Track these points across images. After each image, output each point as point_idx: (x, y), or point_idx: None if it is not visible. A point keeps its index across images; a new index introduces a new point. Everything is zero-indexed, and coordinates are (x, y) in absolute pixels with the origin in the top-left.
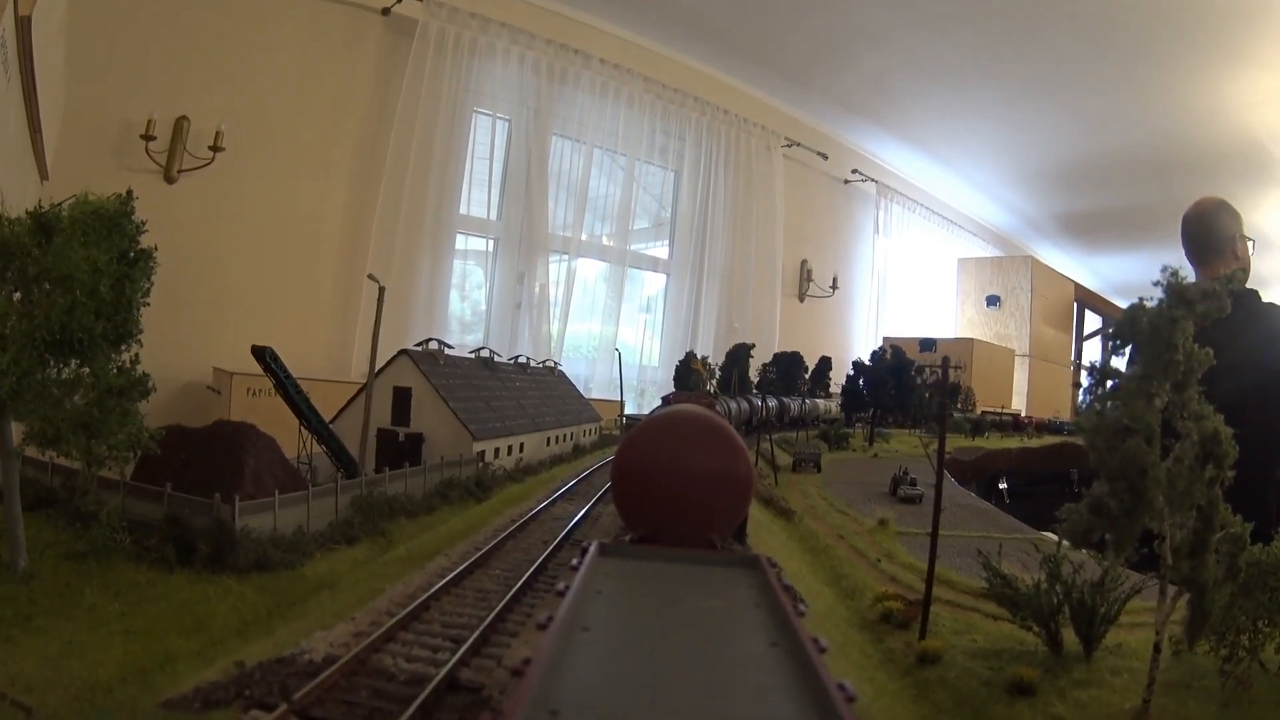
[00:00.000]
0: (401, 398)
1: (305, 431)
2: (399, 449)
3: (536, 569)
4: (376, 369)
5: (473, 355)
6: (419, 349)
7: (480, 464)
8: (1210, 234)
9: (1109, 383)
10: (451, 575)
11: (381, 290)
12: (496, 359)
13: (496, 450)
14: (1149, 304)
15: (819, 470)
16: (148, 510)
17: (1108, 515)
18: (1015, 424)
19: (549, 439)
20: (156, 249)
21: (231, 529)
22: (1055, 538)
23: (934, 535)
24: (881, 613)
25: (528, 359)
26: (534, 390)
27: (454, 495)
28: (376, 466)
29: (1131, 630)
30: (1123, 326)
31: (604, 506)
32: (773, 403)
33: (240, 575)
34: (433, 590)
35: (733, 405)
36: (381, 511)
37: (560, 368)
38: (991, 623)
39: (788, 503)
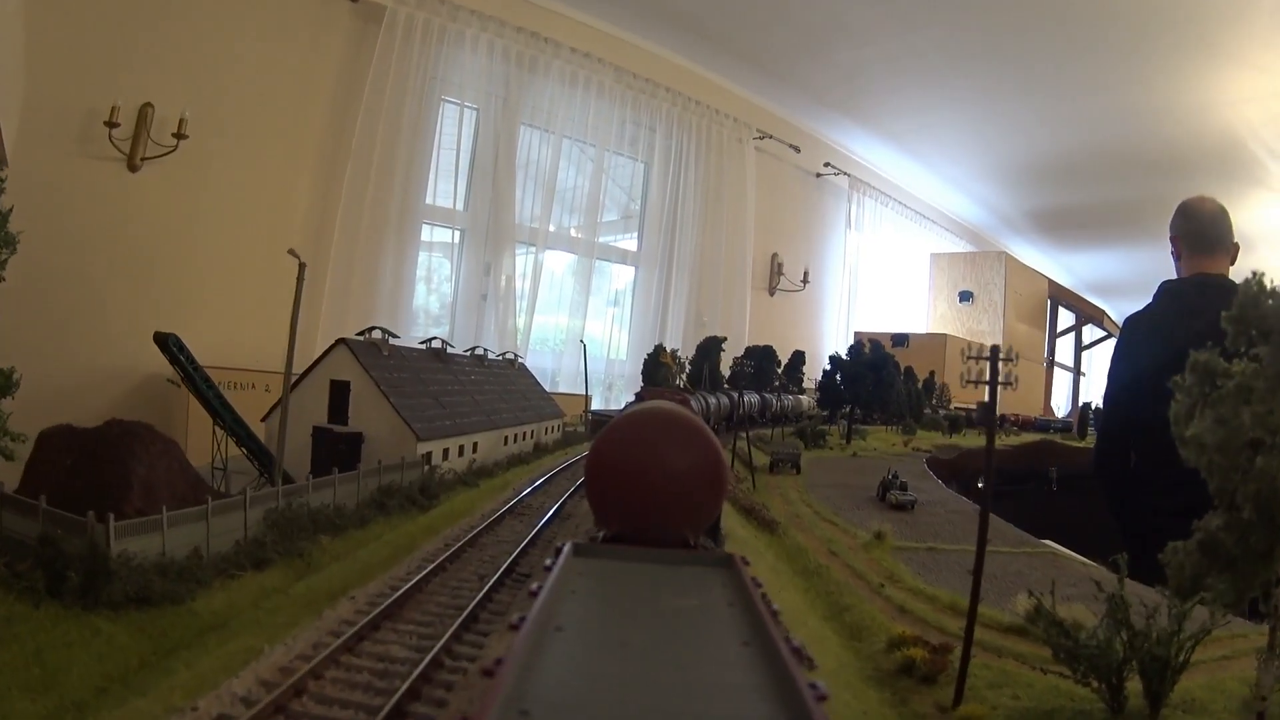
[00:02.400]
0: (339, 393)
1: (220, 431)
2: (335, 450)
3: (464, 622)
4: (312, 360)
5: (423, 346)
6: (360, 338)
7: (426, 467)
8: (1219, 231)
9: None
10: (350, 633)
11: (302, 267)
12: (449, 350)
13: (445, 451)
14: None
15: (798, 471)
16: (27, 527)
17: (1224, 556)
18: (1002, 421)
19: (507, 438)
20: (12, 209)
21: (105, 555)
22: (1059, 548)
23: (976, 578)
24: (901, 662)
25: (485, 351)
26: (491, 384)
27: (393, 504)
28: (312, 469)
29: (1188, 674)
30: (1246, 309)
31: (561, 526)
32: (754, 398)
33: (116, 612)
34: (317, 661)
35: (711, 400)
36: (302, 527)
37: (522, 360)
38: (1032, 671)
39: (769, 511)
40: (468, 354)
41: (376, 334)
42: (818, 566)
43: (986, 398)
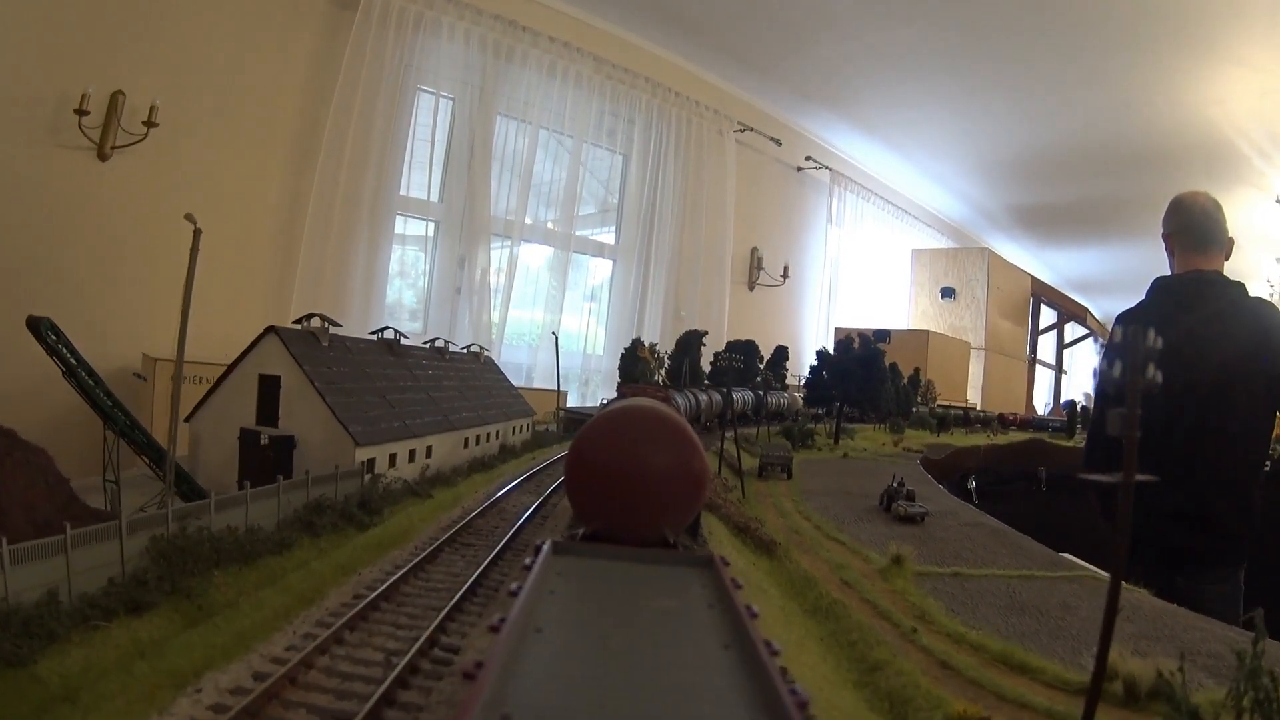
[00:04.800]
0: (268, 390)
1: (111, 436)
2: (263, 457)
3: None
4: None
5: (373, 337)
6: (296, 326)
7: (366, 476)
8: (1213, 226)
9: None
10: None
11: (196, 234)
12: (403, 341)
13: (392, 457)
14: None
15: (789, 476)
16: None
17: None
18: (1000, 420)
19: (468, 439)
20: None
21: None
22: (1098, 571)
23: (1097, 678)
24: None
25: (446, 343)
26: (451, 380)
27: (324, 523)
28: (240, 479)
29: None
30: None
31: (515, 560)
32: (748, 395)
33: None
34: None
35: (703, 397)
36: (201, 557)
37: (488, 353)
38: None
39: (763, 527)
40: (426, 346)
41: (314, 321)
42: (831, 604)
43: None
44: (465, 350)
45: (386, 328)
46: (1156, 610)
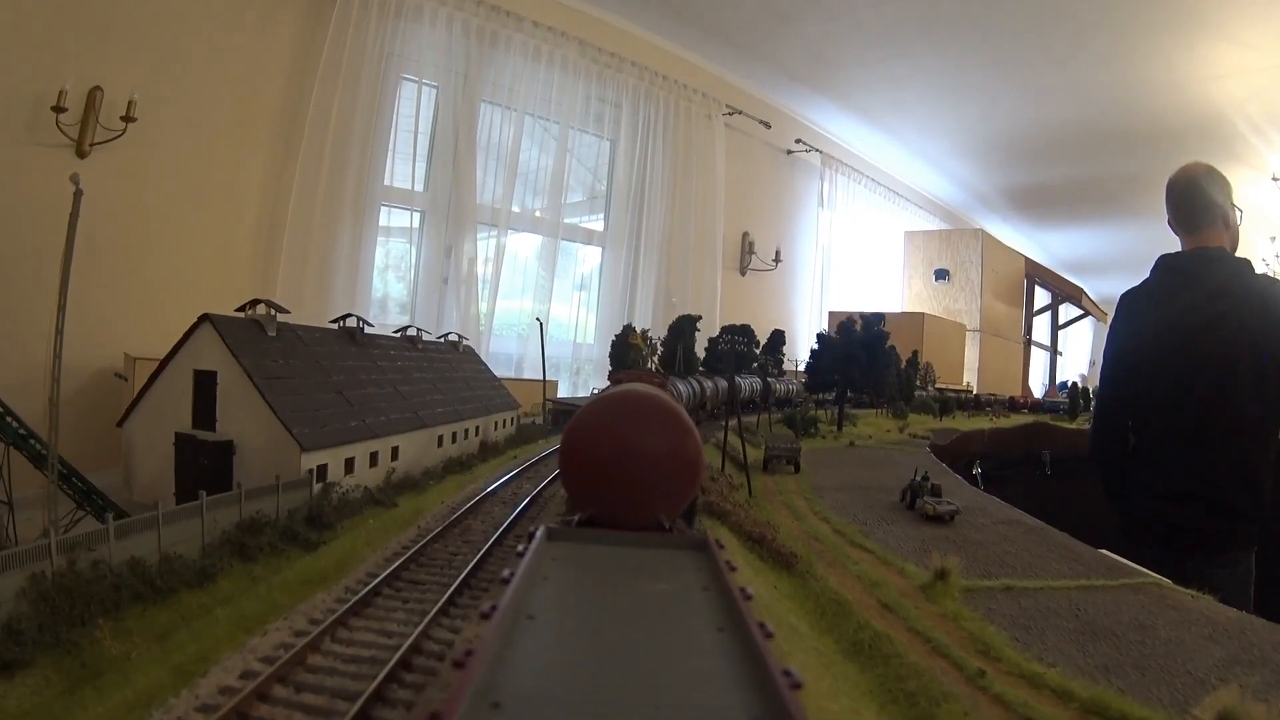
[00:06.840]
0: (204, 387)
1: (1, 447)
2: (200, 466)
3: None
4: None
5: (335, 325)
6: (238, 315)
7: (316, 486)
8: (1202, 199)
9: None
10: None
11: (77, 196)
12: (367, 329)
13: (349, 462)
14: None
15: (797, 469)
16: None
17: None
18: (1011, 403)
19: (441, 438)
20: None
21: None
22: (1160, 578)
23: None
24: None
25: (419, 331)
26: (424, 372)
27: (260, 545)
28: (177, 490)
29: None
30: None
31: (475, 601)
32: (755, 381)
33: None
34: None
35: (707, 384)
36: (95, 598)
37: (467, 342)
38: None
39: (778, 535)
40: (398, 335)
41: (260, 309)
42: (875, 639)
43: None
44: (442, 339)
45: (349, 315)
46: (1234, 623)
